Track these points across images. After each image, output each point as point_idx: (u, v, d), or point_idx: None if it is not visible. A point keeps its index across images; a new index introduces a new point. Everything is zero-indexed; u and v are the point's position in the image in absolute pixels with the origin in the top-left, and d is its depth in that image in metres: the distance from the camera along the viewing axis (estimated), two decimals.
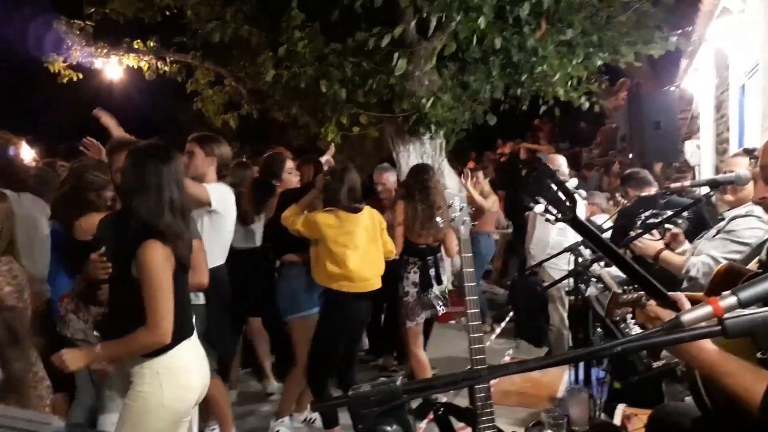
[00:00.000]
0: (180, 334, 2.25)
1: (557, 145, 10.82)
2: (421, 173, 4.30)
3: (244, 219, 4.15)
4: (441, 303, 4.34)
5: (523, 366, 0.92)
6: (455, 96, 6.15)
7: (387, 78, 5.75)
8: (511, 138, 11.55)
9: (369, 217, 3.79)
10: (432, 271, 4.28)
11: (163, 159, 2.27)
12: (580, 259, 3.10)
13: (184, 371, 2.27)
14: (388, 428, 0.96)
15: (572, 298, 4.82)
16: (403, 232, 4.27)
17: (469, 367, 2.33)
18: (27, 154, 9.21)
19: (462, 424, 2.34)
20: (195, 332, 2.42)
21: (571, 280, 3.10)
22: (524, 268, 5.14)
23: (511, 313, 5.74)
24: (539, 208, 1.80)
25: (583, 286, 2.78)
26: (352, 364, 3.90)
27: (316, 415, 4.14)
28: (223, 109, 8.44)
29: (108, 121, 3.29)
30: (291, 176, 4.14)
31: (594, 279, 2.80)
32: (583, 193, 2.00)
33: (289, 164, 4.19)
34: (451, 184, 6.50)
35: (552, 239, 4.54)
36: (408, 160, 6.42)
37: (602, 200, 5.82)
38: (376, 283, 3.77)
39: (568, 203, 1.84)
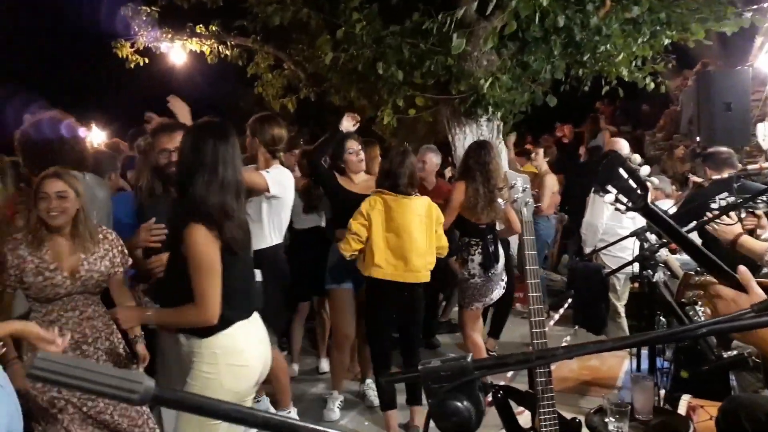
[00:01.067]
0: (235, 315, 2.28)
1: (618, 129, 10.48)
2: (482, 152, 4.23)
3: (308, 202, 4.23)
4: (503, 281, 4.31)
5: (600, 345, 0.89)
6: (514, 76, 6.01)
7: (445, 59, 5.69)
8: (569, 121, 11.26)
9: (425, 207, 3.73)
10: (492, 248, 4.25)
11: (219, 137, 2.25)
12: (645, 245, 3.01)
13: (241, 351, 2.29)
14: (459, 404, 0.96)
15: (635, 284, 4.73)
16: (457, 211, 4.23)
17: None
18: (98, 136, 9.63)
19: (521, 408, 2.32)
20: (254, 312, 2.44)
21: (635, 265, 3.01)
22: (583, 254, 5.02)
23: (569, 300, 5.63)
24: (609, 197, 1.74)
25: (650, 272, 2.69)
26: (413, 351, 3.90)
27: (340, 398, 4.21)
28: (282, 93, 8.54)
29: (179, 107, 3.33)
30: (352, 156, 4.12)
31: (661, 264, 2.70)
32: (656, 180, 1.93)
33: (350, 144, 4.15)
34: (507, 167, 6.40)
35: (604, 224, 4.42)
36: (464, 143, 6.34)
37: (666, 185, 5.61)
38: (424, 276, 3.71)
39: (639, 191, 1.78)
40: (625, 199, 1.75)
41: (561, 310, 5.91)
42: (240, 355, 2.29)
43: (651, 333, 2.19)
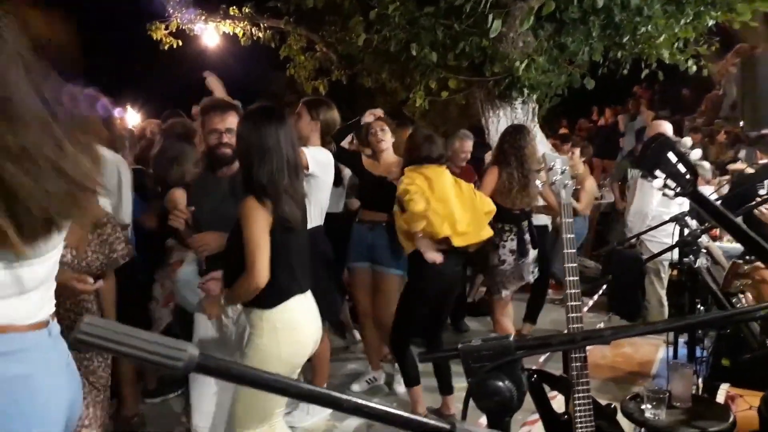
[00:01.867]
0: (289, 290, 2.38)
1: (657, 113, 10.22)
2: (518, 136, 4.14)
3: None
4: (534, 269, 4.25)
5: (649, 328, 0.86)
6: (551, 58, 5.89)
7: (480, 40, 5.60)
8: (606, 105, 11.02)
9: (452, 179, 3.70)
10: (527, 237, 4.19)
11: (279, 120, 2.36)
12: (686, 230, 2.92)
13: (298, 325, 2.39)
14: (500, 383, 0.94)
15: (674, 271, 4.62)
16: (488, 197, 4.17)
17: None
18: (133, 118, 9.77)
19: (553, 393, 2.29)
20: (308, 289, 2.52)
21: (675, 251, 2.93)
22: (620, 240, 4.92)
23: (603, 287, 5.54)
24: (657, 182, 1.69)
25: (692, 257, 2.61)
26: (439, 329, 3.90)
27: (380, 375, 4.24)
28: (314, 75, 8.54)
29: (215, 84, 3.37)
30: (372, 137, 4.05)
31: (704, 250, 2.62)
32: (707, 165, 1.86)
33: (372, 125, 4.08)
34: (542, 150, 6.29)
35: (653, 210, 4.30)
36: (498, 126, 6.25)
37: (707, 171, 5.44)
38: (473, 237, 3.63)
39: (688, 176, 1.72)
40: (673, 184, 1.70)
41: (595, 297, 5.82)
42: (298, 330, 2.39)
43: (707, 315, 2.12)
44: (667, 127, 4.46)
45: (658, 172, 1.72)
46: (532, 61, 5.72)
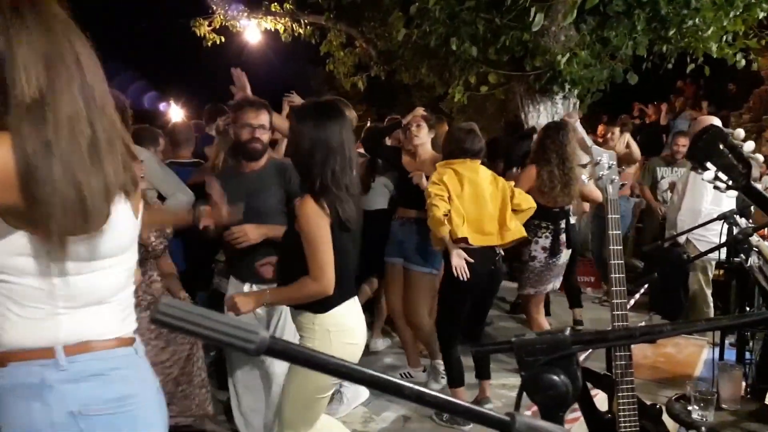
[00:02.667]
0: (343, 293, 2.32)
1: (701, 109, 9.94)
2: (561, 133, 4.07)
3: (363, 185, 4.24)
4: (561, 275, 4.21)
5: (712, 324, 0.84)
6: (593, 53, 5.78)
7: (521, 34, 5.53)
8: (649, 100, 10.77)
9: (489, 175, 3.67)
10: (563, 237, 4.13)
11: (340, 117, 2.30)
12: (734, 229, 2.84)
13: (350, 329, 2.35)
14: (555, 377, 0.93)
15: (719, 271, 4.50)
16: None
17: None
18: (177, 113, 9.98)
19: (595, 390, 2.26)
20: (356, 294, 2.49)
21: (723, 250, 2.85)
22: (664, 238, 4.81)
23: (645, 285, 5.43)
24: (708, 174, 1.64)
25: (743, 256, 2.54)
26: (480, 322, 3.88)
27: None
28: (353, 71, 8.57)
29: (243, 82, 3.33)
30: (410, 133, 4.01)
31: (755, 249, 2.54)
32: (761, 157, 1.79)
33: (412, 123, 4.03)
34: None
35: (705, 209, 4.17)
36: (537, 121, 6.17)
37: (760, 164, 5.27)
38: (498, 239, 3.61)
39: (741, 169, 1.66)
40: (725, 177, 1.65)
41: (636, 296, 5.72)
42: (351, 333, 2.35)
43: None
44: (715, 123, 4.34)
45: (709, 164, 1.67)
46: (573, 55, 5.64)
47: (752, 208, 3.97)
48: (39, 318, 1.13)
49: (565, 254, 4.17)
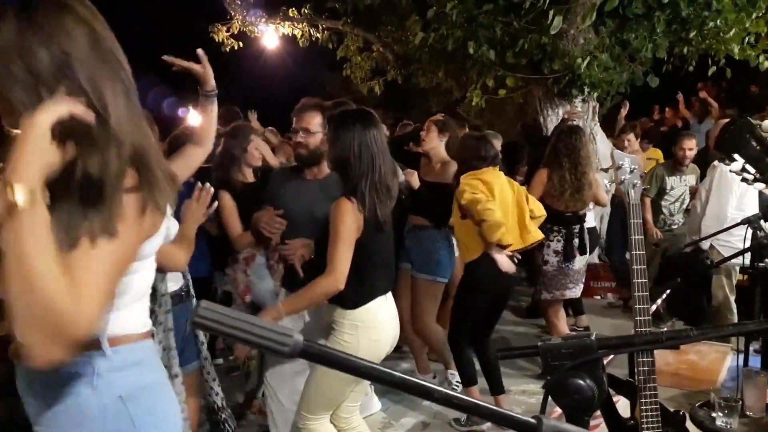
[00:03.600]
0: (373, 292, 2.41)
1: (723, 111, 9.80)
2: (574, 137, 4.04)
3: None
4: (582, 281, 4.16)
5: (739, 328, 0.84)
6: (613, 55, 5.75)
7: (539, 37, 5.52)
8: (669, 104, 10.64)
9: (507, 180, 3.67)
10: (576, 241, 4.10)
11: (377, 124, 2.41)
12: (759, 233, 2.81)
13: (378, 325, 2.42)
14: (582, 382, 0.93)
15: (743, 276, 4.43)
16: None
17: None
18: (195, 119, 10.07)
19: (617, 396, 2.24)
20: (390, 290, 2.54)
21: (747, 255, 2.82)
22: (687, 243, 4.76)
23: (667, 291, 5.37)
24: (736, 165, 1.63)
25: (767, 261, 2.51)
26: (490, 331, 3.86)
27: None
28: (370, 76, 8.59)
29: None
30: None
31: None
32: None
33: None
34: (603, 150, 6.15)
35: (731, 214, 4.11)
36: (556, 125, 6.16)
37: None
38: (519, 243, 3.61)
39: None
40: (752, 170, 1.63)
41: (659, 301, 5.65)
42: (377, 330, 2.43)
43: None
44: None
45: (736, 156, 1.66)
46: (593, 58, 5.61)
47: None
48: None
49: (580, 260, 4.14)
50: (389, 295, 2.53)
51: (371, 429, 3.66)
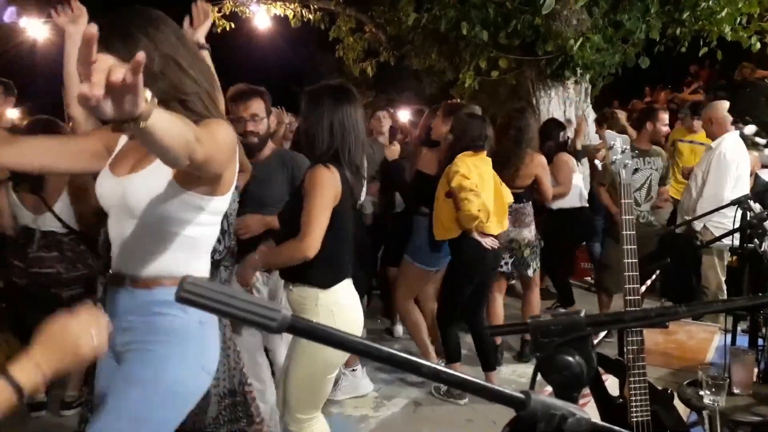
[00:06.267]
0: (342, 272, 2.35)
1: (716, 94, 9.80)
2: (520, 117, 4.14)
3: None
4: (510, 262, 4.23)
5: (727, 305, 0.84)
6: (605, 37, 5.73)
7: (532, 18, 5.49)
8: (661, 85, 10.62)
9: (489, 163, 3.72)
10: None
11: (356, 101, 2.35)
12: (749, 214, 2.82)
13: (350, 307, 2.37)
14: (570, 358, 0.94)
15: (733, 257, 4.46)
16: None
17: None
18: None
19: (606, 375, 2.26)
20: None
21: (737, 236, 2.83)
22: (675, 223, 4.78)
23: (657, 272, 5.41)
24: (750, 128, 1.63)
25: (757, 241, 2.52)
26: (481, 308, 3.91)
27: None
28: (362, 57, 8.52)
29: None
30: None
31: None
32: None
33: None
34: (595, 132, 6.14)
35: (728, 195, 4.11)
36: (549, 107, 6.15)
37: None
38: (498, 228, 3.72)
39: None
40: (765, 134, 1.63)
41: (647, 282, 5.69)
42: (351, 311, 2.38)
43: None
44: (725, 106, 4.27)
45: (749, 119, 1.65)
46: (586, 39, 5.58)
47: None
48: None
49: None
50: (351, 280, 2.43)
51: (363, 409, 3.71)
